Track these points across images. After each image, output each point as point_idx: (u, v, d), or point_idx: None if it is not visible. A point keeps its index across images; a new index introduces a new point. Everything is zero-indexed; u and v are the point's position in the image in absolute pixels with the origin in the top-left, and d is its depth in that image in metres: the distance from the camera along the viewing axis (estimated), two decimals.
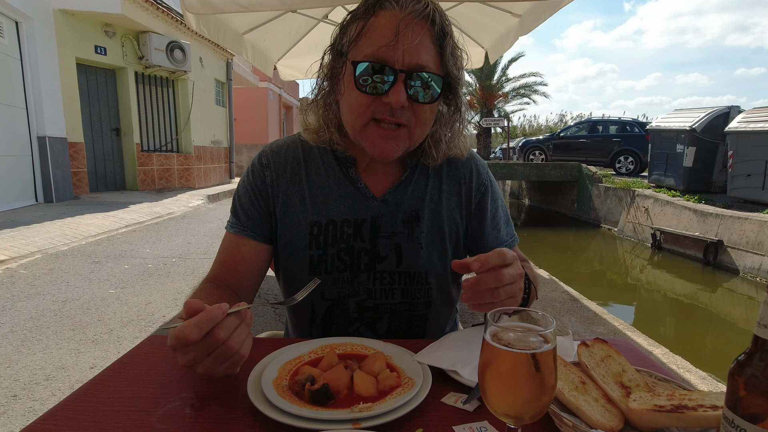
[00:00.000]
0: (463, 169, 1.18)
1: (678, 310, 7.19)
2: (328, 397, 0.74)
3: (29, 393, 2.53)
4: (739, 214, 8.11)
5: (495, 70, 26.48)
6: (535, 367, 0.57)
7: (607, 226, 12.52)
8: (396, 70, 0.92)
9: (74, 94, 9.09)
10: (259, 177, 1.13)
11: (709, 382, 2.87)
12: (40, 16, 8.15)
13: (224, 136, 14.95)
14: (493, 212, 1.19)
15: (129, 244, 6.14)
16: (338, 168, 1.12)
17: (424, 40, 0.93)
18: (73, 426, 0.71)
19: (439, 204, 1.14)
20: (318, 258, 1.09)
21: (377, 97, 0.95)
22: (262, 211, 1.12)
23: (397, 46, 0.91)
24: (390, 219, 1.11)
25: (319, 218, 1.10)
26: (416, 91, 0.95)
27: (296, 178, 1.12)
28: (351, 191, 1.11)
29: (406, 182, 1.13)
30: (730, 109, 9.84)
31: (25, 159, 8.06)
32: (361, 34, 0.95)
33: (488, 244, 1.18)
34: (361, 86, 0.95)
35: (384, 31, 0.92)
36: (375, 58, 0.93)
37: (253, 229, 1.12)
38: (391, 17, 0.92)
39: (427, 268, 1.12)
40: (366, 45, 0.94)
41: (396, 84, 0.93)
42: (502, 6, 3.36)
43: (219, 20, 3.38)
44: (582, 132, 16.67)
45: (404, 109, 0.95)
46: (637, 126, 15.78)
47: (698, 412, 0.65)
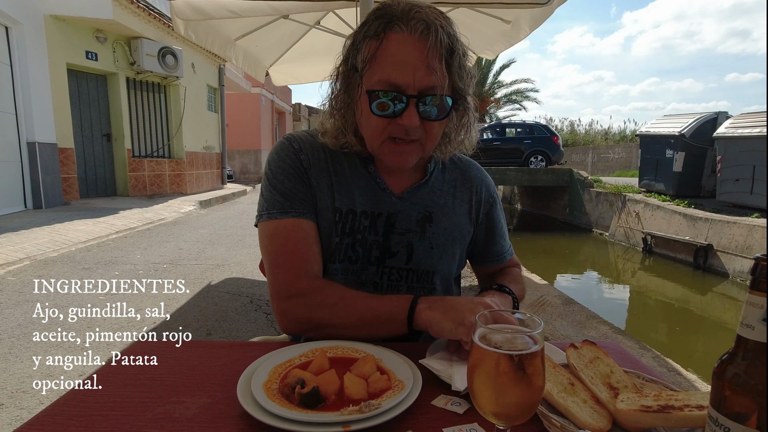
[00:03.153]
0: (476, 181, 1.27)
1: (669, 313, 7.24)
2: (318, 400, 0.74)
3: (17, 401, 2.50)
4: (728, 219, 8.21)
5: (487, 77, 26.70)
6: (523, 368, 0.58)
7: (599, 231, 12.61)
8: (408, 95, 0.98)
9: (65, 100, 9.02)
10: (297, 160, 1.12)
11: (699, 384, 2.89)
12: (31, 22, 8.10)
13: (216, 141, 14.90)
14: (500, 222, 1.30)
15: (119, 250, 6.09)
16: (359, 162, 1.16)
17: (433, 63, 0.97)
18: (61, 431, 0.70)
19: (452, 209, 1.21)
20: (335, 246, 1.11)
21: (392, 120, 1.01)
22: (309, 190, 1.11)
23: (407, 71, 0.97)
24: (405, 216, 1.15)
25: (342, 206, 1.12)
26: (427, 111, 1.01)
27: (323, 164, 1.14)
28: (371, 185, 1.15)
29: (424, 184, 1.19)
30: (718, 114, 9.97)
31: (14, 165, 7.97)
32: (374, 57, 1.00)
33: (494, 252, 1.30)
34: (378, 111, 1.01)
35: (395, 58, 0.98)
36: (388, 85, 0.98)
37: (310, 210, 1.10)
38: (402, 41, 0.97)
39: (435, 268, 1.16)
40: (379, 69, 0.99)
41: (408, 107, 0.99)
42: (492, 12, 3.40)
43: (209, 26, 3.39)
44: (494, 136, 17.57)
45: (417, 127, 1.01)
46: (543, 129, 17.48)
47: (684, 412, 0.66)
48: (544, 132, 17.20)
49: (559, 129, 27.97)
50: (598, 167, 23.75)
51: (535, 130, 17.19)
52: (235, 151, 19.31)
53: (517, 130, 17.62)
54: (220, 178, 15.19)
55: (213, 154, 14.54)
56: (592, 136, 28.90)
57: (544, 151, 16.53)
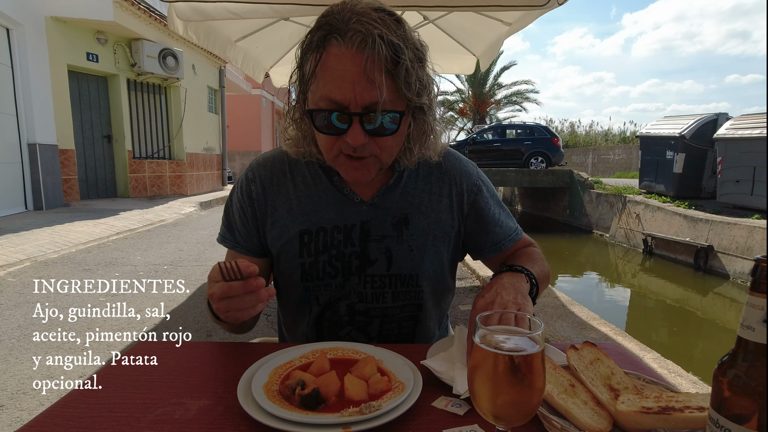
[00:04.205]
0: (453, 172, 1.19)
1: (669, 315, 7.23)
2: (318, 401, 0.74)
3: (17, 403, 2.50)
4: (728, 220, 8.20)
5: (487, 78, 26.73)
6: (524, 369, 0.58)
7: (599, 232, 12.60)
8: (350, 113, 0.92)
9: (65, 101, 9.03)
10: (246, 192, 1.15)
11: (700, 386, 2.88)
12: (32, 24, 8.11)
13: (217, 143, 14.91)
14: (490, 210, 1.21)
15: (120, 251, 6.09)
16: (324, 176, 1.13)
17: (372, 76, 0.89)
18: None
19: (429, 206, 1.15)
20: (310, 265, 1.10)
21: (340, 137, 0.95)
22: (248, 228, 1.15)
23: (347, 87, 0.90)
24: (379, 222, 1.12)
25: (309, 226, 1.10)
26: (375, 127, 0.94)
27: (282, 189, 1.13)
28: (338, 197, 1.12)
29: (394, 186, 1.13)
30: (719, 116, 9.96)
31: (14, 166, 7.98)
32: (315, 73, 0.94)
33: (492, 241, 1.21)
34: (323, 130, 0.96)
35: (334, 73, 0.91)
36: (329, 103, 0.93)
37: (245, 246, 1.16)
38: (340, 56, 0.90)
39: (418, 270, 1.13)
40: (320, 86, 0.93)
41: (353, 126, 0.92)
42: (492, 15, 3.40)
43: (209, 27, 3.39)
44: (495, 137, 17.59)
45: (365, 145, 0.95)
46: (543, 130, 17.39)
47: (685, 413, 0.66)
48: (545, 133, 17.17)
49: (559, 130, 27.93)
50: (599, 168, 23.74)
51: (536, 132, 17.17)
52: (235, 152, 19.33)
53: (517, 131, 17.59)
54: (220, 180, 15.20)
55: (213, 155, 14.54)
56: (592, 137, 28.87)
57: (545, 153, 16.51)
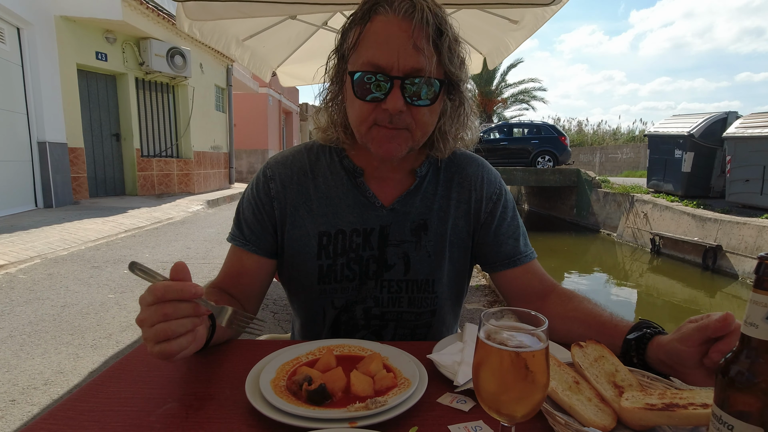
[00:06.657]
0: (474, 178, 1.18)
1: (677, 314, 7.18)
2: (325, 396, 0.75)
3: (28, 398, 2.53)
4: (737, 219, 8.13)
5: (494, 76, 26.66)
6: (528, 366, 0.58)
7: (607, 231, 12.53)
8: (392, 76, 0.92)
9: (75, 100, 9.12)
10: (264, 190, 1.13)
11: None
12: (42, 23, 8.19)
13: (224, 141, 14.99)
14: (507, 221, 1.17)
15: (128, 249, 6.14)
16: (346, 177, 1.12)
17: (419, 43, 0.91)
18: (73, 425, 0.71)
19: (447, 212, 1.14)
20: (327, 268, 1.09)
21: (377, 104, 0.95)
22: (264, 225, 1.12)
23: (391, 52, 0.91)
24: (398, 228, 1.11)
25: (328, 228, 1.10)
26: (413, 95, 0.94)
27: (303, 188, 1.12)
28: (359, 200, 1.11)
29: (415, 191, 1.13)
30: (728, 114, 9.88)
31: (25, 164, 8.08)
32: (358, 41, 0.96)
33: (503, 253, 1.15)
34: (360, 95, 0.95)
35: (378, 38, 0.93)
36: (371, 66, 0.93)
37: (256, 244, 1.12)
38: (386, 22, 0.93)
39: (434, 276, 1.12)
40: (363, 52, 0.95)
41: (393, 90, 0.93)
42: (499, 12, 3.39)
43: (216, 25, 3.40)
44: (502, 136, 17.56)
45: (402, 113, 0.95)
46: (551, 129, 17.41)
47: (688, 410, 0.66)
48: (552, 132, 17.16)
49: (566, 129, 27.82)
50: (606, 167, 23.60)
51: (543, 130, 17.14)
52: (242, 150, 19.37)
53: (524, 130, 17.57)
54: (227, 178, 15.27)
55: (221, 153, 14.61)
56: (600, 136, 28.71)
57: (552, 151, 16.50)
